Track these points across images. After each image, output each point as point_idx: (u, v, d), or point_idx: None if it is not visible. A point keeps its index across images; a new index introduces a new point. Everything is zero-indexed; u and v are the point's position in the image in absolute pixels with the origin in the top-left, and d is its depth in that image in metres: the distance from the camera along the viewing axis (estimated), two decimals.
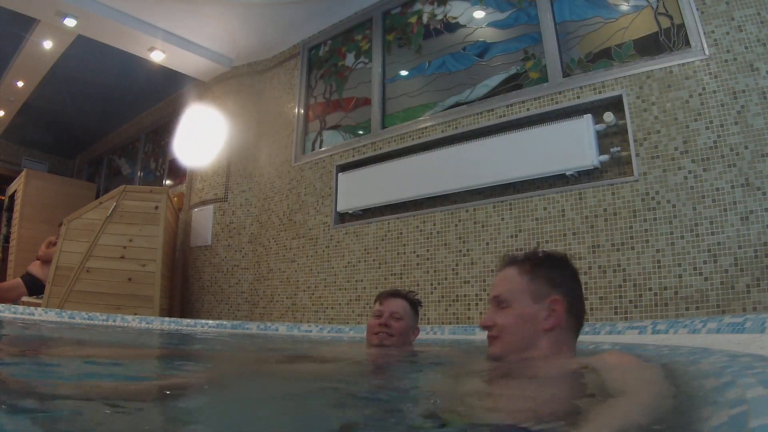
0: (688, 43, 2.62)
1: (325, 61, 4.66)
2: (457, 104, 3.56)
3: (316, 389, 1.20)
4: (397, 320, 1.92)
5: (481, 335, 2.48)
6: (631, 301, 2.51)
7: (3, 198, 7.35)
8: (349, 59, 4.44)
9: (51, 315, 3.38)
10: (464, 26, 3.68)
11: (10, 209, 6.77)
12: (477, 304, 3.08)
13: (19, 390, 1.00)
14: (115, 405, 0.88)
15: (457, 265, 3.23)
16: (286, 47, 4.96)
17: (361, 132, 4.16)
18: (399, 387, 1.36)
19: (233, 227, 4.81)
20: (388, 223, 3.66)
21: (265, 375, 1.46)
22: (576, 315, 1.20)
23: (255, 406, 0.97)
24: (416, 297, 2.05)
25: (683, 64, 2.60)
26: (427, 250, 3.40)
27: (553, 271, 1.22)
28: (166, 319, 3.88)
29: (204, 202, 5.06)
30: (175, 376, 1.45)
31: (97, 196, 6.90)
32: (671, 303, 2.41)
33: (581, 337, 1.26)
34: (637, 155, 2.65)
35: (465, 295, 3.14)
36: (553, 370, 1.10)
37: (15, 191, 6.63)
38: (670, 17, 2.72)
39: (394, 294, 2.01)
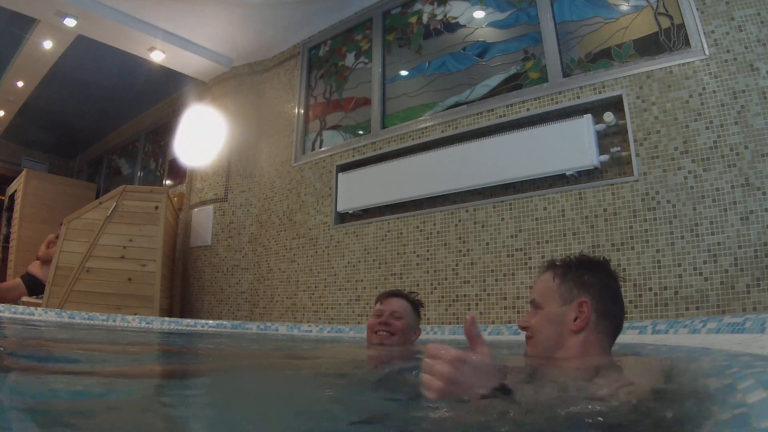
0: (688, 43, 2.63)
1: (325, 61, 4.66)
2: (457, 104, 3.56)
3: (321, 383, 1.21)
4: (397, 319, 1.90)
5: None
6: (631, 301, 2.51)
7: (3, 198, 7.35)
8: (349, 59, 4.44)
9: (51, 315, 3.38)
10: (464, 26, 3.68)
11: (10, 209, 6.78)
12: (477, 304, 3.08)
13: (20, 371, 1.00)
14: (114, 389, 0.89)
15: (457, 265, 3.23)
16: (286, 47, 4.96)
17: (361, 132, 4.16)
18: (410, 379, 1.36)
19: (233, 227, 4.82)
20: (388, 223, 3.66)
21: (267, 370, 1.46)
22: (609, 318, 1.21)
23: (257, 398, 0.98)
24: (417, 298, 2.03)
25: (683, 64, 2.60)
26: (427, 250, 3.40)
27: (584, 275, 1.24)
28: (166, 319, 3.88)
29: (204, 202, 5.06)
30: (175, 365, 1.45)
31: (97, 196, 6.90)
32: (671, 303, 2.41)
33: None
34: (637, 155, 2.65)
35: (465, 295, 3.14)
36: (569, 366, 1.15)
37: (15, 191, 6.64)
38: (670, 17, 2.72)
39: (395, 294, 2.00)
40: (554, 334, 1.19)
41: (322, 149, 4.40)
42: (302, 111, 4.67)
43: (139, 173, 6.97)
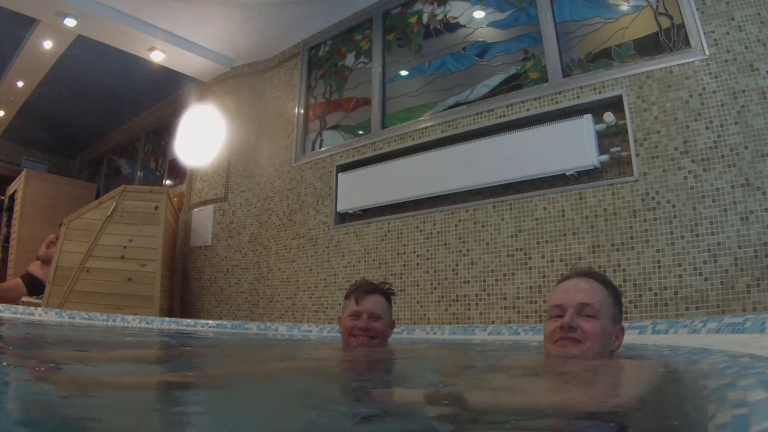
0: (688, 43, 2.63)
1: (325, 61, 4.66)
2: (457, 104, 3.56)
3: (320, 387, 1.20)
4: (376, 320, 1.80)
5: (481, 335, 2.49)
6: (631, 301, 2.51)
7: (3, 198, 7.35)
8: (349, 59, 4.44)
9: (51, 315, 3.38)
10: (464, 26, 3.68)
11: (10, 209, 6.78)
12: (477, 304, 3.08)
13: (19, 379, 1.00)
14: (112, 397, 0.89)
15: (457, 265, 3.23)
16: (286, 47, 4.96)
17: (361, 132, 4.16)
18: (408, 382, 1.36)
19: (233, 227, 4.81)
20: (388, 223, 3.66)
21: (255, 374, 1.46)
22: None
23: (254, 405, 0.97)
24: (390, 288, 1.92)
25: (683, 64, 2.60)
26: (427, 250, 3.40)
27: (621, 306, 1.36)
28: (166, 319, 3.88)
29: (204, 202, 5.06)
30: (172, 373, 1.45)
31: (97, 196, 6.91)
32: (671, 303, 2.41)
33: None
34: (637, 155, 2.65)
35: (465, 295, 3.14)
36: (585, 367, 1.19)
37: (15, 191, 6.64)
38: (670, 17, 2.72)
39: (370, 290, 1.86)
40: (603, 347, 1.26)
41: (322, 149, 4.40)
42: (302, 111, 4.67)
43: (139, 173, 6.97)
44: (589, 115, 2.80)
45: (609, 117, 2.74)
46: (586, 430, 0.74)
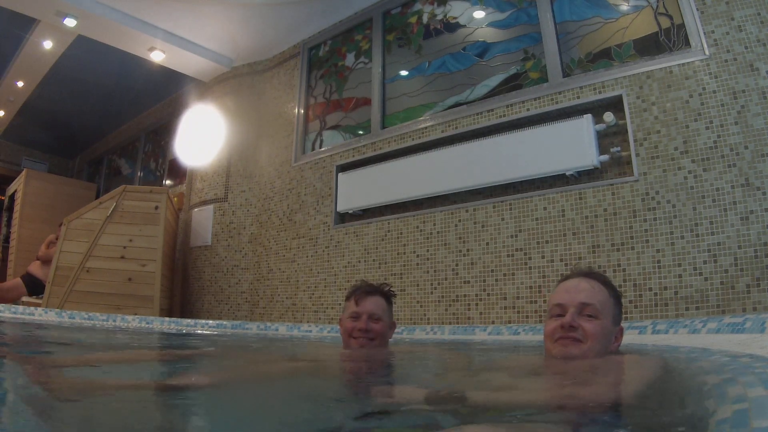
0: (688, 43, 2.63)
1: (325, 61, 4.66)
2: (457, 104, 3.56)
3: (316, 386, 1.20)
4: (376, 321, 1.81)
5: (481, 335, 2.49)
6: (631, 301, 2.51)
7: (3, 198, 7.35)
8: (349, 59, 4.44)
9: (51, 315, 3.38)
10: (464, 26, 3.68)
11: (10, 209, 6.77)
12: (477, 304, 3.08)
13: (23, 384, 1.00)
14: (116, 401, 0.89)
15: (457, 265, 3.23)
16: (286, 47, 4.96)
17: (361, 132, 4.16)
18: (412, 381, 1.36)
19: (233, 227, 4.82)
20: (388, 223, 3.66)
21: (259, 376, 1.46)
22: None
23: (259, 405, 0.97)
24: (390, 289, 1.93)
25: (683, 64, 2.60)
26: (427, 250, 3.40)
27: (621, 306, 1.37)
28: (166, 319, 3.88)
29: (204, 202, 5.06)
30: (172, 375, 1.45)
31: (97, 196, 6.90)
32: (671, 303, 2.41)
33: None
34: (637, 155, 2.65)
35: (465, 295, 3.14)
36: (584, 366, 1.21)
37: (15, 191, 6.63)
38: (670, 17, 2.72)
39: (370, 291, 1.86)
40: (604, 347, 1.27)
41: (322, 149, 4.40)
42: (302, 111, 4.67)
43: (139, 173, 6.97)
44: (589, 115, 2.80)
45: (609, 117, 2.74)
46: (587, 425, 0.74)
